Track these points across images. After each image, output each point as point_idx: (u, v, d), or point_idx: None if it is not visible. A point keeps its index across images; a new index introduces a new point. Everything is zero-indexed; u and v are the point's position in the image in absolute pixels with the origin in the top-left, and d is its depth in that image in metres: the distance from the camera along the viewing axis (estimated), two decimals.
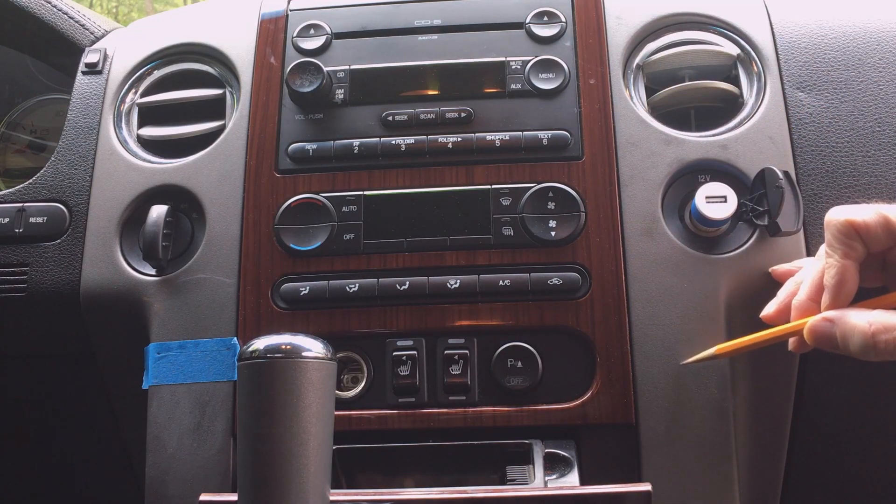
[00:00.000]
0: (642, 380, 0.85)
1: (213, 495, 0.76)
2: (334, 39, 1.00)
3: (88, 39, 1.13)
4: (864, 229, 0.68)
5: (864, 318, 0.66)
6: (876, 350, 0.65)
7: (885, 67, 0.96)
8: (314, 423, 0.61)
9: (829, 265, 0.70)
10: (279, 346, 0.62)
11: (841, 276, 0.69)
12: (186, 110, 1.03)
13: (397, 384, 0.87)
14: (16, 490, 1.25)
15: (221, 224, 0.93)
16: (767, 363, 0.91)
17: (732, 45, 1.00)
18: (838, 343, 0.67)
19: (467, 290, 0.87)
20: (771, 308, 0.80)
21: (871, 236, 0.68)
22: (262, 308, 0.89)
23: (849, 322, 0.66)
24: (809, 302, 0.74)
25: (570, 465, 0.83)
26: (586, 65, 0.95)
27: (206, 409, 0.88)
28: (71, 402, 1.11)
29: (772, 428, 0.94)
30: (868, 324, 0.65)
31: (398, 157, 0.93)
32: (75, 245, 0.97)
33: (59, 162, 1.02)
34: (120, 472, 1.10)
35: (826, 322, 0.69)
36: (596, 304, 0.86)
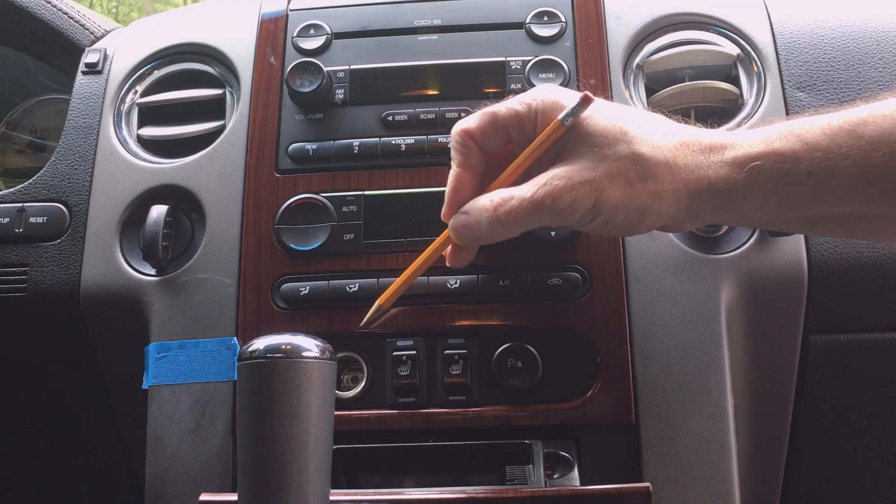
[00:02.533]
0: (642, 380, 0.85)
1: (213, 495, 0.76)
2: (334, 39, 1.00)
3: (88, 39, 1.13)
4: (478, 132, 0.74)
5: (488, 198, 0.71)
6: (500, 222, 0.70)
7: (884, 67, 0.96)
8: (314, 423, 0.61)
9: (449, 176, 0.76)
10: (279, 346, 0.62)
11: (455, 182, 0.75)
12: (186, 110, 1.03)
13: (397, 384, 0.87)
14: (15, 490, 1.25)
15: (221, 224, 0.93)
16: (767, 363, 0.91)
17: (732, 45, 1.00)
18: (475, 230, 0.72)
19: (467, 289, 0.87)
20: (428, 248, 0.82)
21: (485, 136, 0.74)
22: (262, 308, 0.89)
23: (476, 206, 0.72)
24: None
25: (570, 464, 0.83)
26: (586, 65, 0.95)
27: (206, 409, 0.88)
28: (71, 402, 1.11)
29: (772, 428, 0.94)
30: (490, 201, 0.71)
31: (398, 156, 0.93)
32: (75, 245, 0.97)
33: (59, 162, 1.02)
34: (120, 472, 1.10)
35: (461, 214, 0.73)
36: (596, 304, 0.86)
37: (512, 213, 0.69)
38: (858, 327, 0.94)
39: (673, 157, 0.68)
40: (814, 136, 0.66)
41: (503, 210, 0.70)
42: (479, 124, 0.74)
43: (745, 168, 0.67)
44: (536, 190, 0.69)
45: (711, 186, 0.68)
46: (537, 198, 0.68)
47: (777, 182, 0.67)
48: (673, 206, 0.69)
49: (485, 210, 0.71)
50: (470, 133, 0.74)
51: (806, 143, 0.66)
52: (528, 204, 0.69)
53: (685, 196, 0.68)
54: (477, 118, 0.74)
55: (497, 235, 0.72)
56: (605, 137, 0.69)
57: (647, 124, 0.71)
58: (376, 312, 0.80)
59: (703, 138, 0.70)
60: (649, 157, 0.68)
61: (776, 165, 0.66)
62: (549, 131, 0.71)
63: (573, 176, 0.68)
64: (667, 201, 0.68)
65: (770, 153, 0.66)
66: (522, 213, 0.69)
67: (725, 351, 0.86)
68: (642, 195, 0.68)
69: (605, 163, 0.68)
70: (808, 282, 0.88)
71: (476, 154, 0.75)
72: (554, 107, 0.71)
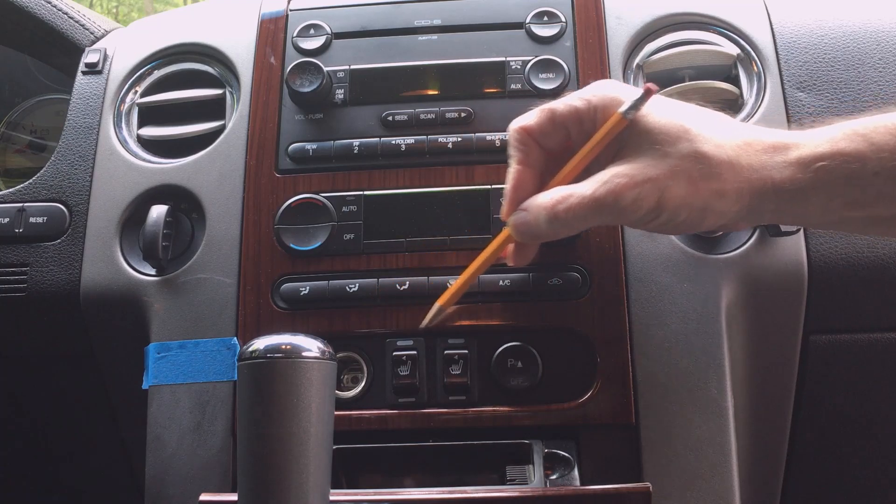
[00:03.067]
0: (642, 380, 0.85)
1: (213, 495, 0.76)
2: (334, 39, 1.00)
3: (88, 39, 1.13)
4: (537, 130, 0.73)
5: (547, 195, 0.70)
6: (559, 220, 0.69)
7: (884, 67, 0.96)
8: (314, 423, 0.61)
9: (507, 174, 0.75)
10: (279, 346, 0.62)
11: (515, 180, 0.74)
12: (186, 110, 1.03)
13: (397, 384, 0.87)
14: (15, 490, 1.25)
15: (221, 224, 0.93)
16: (767, 363, 0.91)
17: (732, 45, 1.00)
18: (534, 227, 0.71)
19: (467, 290, 0.87)
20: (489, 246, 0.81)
21: (543, 133, 0.73)
22: (262, 308, 0.89)
23: (535, 203, 0.71)
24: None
25: (570, 464, 0.83)
26: (586, 65, 0.95)
27: (206, 409, 0.88)
28: (71, 402, 1.11)
29: (772, 428, 0.94)
30: (549, 198, 0.70)
31: (398, 157, 0.93)
32: (75, 245, 0.97)
33: (59, 162, 1.02)
34: (120, 472, 1.10)
35: (521, 212, 0.72)
36: (596, 304, 0.86)
37: (571, 210, 0.68)
38: (858, 327, 0.94)
39: (736, 156, 0.67)
40: (880, 136, 0.65)
41: (562, 207, 0.69)
42: (538, 121, 0.73)
43: (810, 168, 0.66)
44: (597, 188, 0.68)
45: (775, 187, 0.67)
46: (598, 195, 0.67)
47: (842, 183, 0.65)
48: (736, 205, 0.68)
49: (544, 208, 0.70)
50: (528, 130, 0.73)
51: (872, 144, 0.65)
52: (588, 201, 0.68)
53: (748, 196, 0.67)
54: (535, 115, 0.73)
55: (555, 233, 0.72)
56: (666, 135, 0.68)
57: (709, 122, 0.70)
58: (437, 314, 0.79)
59: (766, 138, 0.69)
60: (712, 155, 0.67)
61: (842, 166, 0.65)
62: (611, 125, 0.70)
63: (635, 174, 0.67)
64: (730, 201, 0.67)
65: (836, 153, 0.65)
66: (582, 211, 0.68)
67: (725, 351, 0.86)
68: (705, 194, 0.67)
69: (667, 161, 0.67)
70: (809, 282, 0.88)
71: (535, 151, 0.74)
72: (613, 102, 0.70)
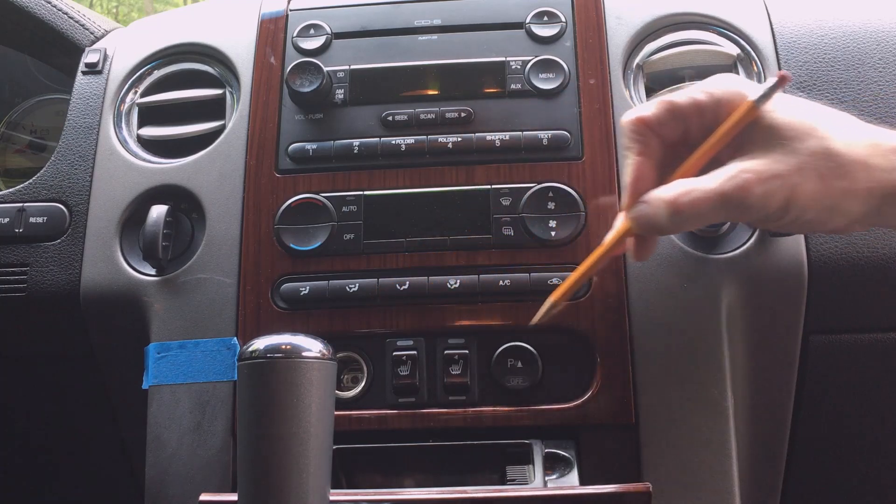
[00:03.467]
0: (642, 380, 0.85)
1: (213, 495, 0.76)
2: (334, 39, 1.00)
3: (88, 39, 1.13)
4: (655, 121, 0.70)
5: (669, 188, 0.68)
6: (680, 214, 0.67)
7: (884, 67, 0.96)
8: (314, 423, 0.61)
9: (626, 165, 0.72)
10: (279, 346, 0.62)
11: (636, 172, 0.71)
12: (186, 110, 1.03)
13: (397, 384, 0.87)
14: (16, 490, 1.25)
15: (221, 224, 0.93)
16: (767, 363, 0.91)
17: (732, 45, 1.00)
18: (654, 220, 0.69)
19: (467, 290, 0.87)
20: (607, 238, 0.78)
21: (663, 125, 0.70)
22: (262, 308, 0.89)
23: (656, 196, 0.68)
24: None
25: (570, 465, 0.83)
26: (586, 65, 0.95)
27: (206, 409, 0.88)
28: (71, 402, 1.11)
29: (772, 428, 0.94)
30: (672, 192, 0.67)
31: (398, 157, 0.93)
32: (75, 245, 0.97)
33: (59, 162, 1.02)
34: (120, 472, 1.10)
35: (642, 204, 0.70)
36: (596, 304, 0.86)
37: (694, 204, 0.66)
38: (858, 327, 0.94)
39: (867, 155, 0.65)
40: None
41: (685, 201, 0.66)
42: (656, 112, 0.70)
43: None
44: (723, 182, 0.65)
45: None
46: (725, 190, 0.65)
47: None
48: (864, 206, 0.66)
49: (665, 201, 0.67)
50: (646, 121, 0.70)
51: None
52: (713, 196, 0.65)
53: (879, 197, 0.66)
54: (653, 106, 0.71)
55: (676, 227, 0.69)
56: (794, 131, 0.66)
57: (836, 120, 0.68)
58: (549, 309, 0.76)
59: (890, 141, 0.67)
60: (843, 153, 0.65)
61: None
62: (741, 114, 0.67)
63: (763, 169, 0.65)
64: (858, 201, 0.66)
65: None
66: (706, 206, 0.66)
67: (725, 351, 0.86)
68: (835, 193, 0.65)
69: (796, 157, 0.65)
70: (809, 282, 0.88)
71: (655, 142, 0.71)
72: (737, 95, 0.68)
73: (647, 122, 0.70)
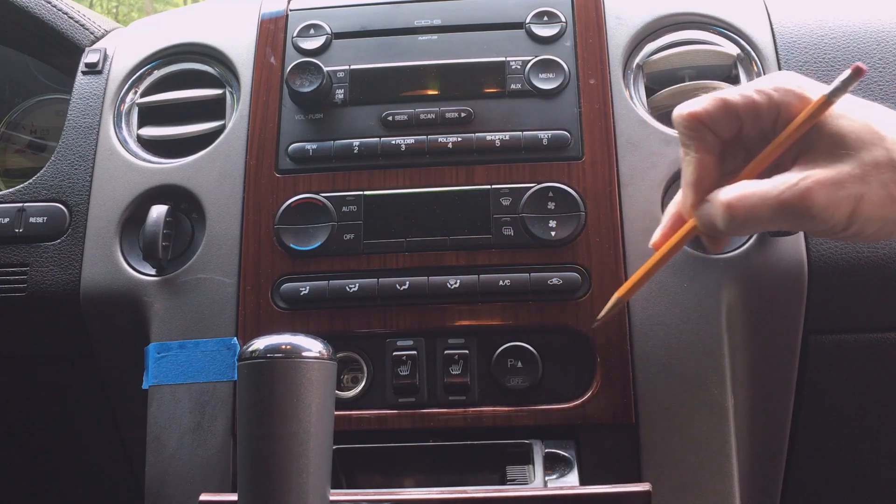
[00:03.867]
0: (642, 380, 0.85)
1: (213, 495, 0.76)
2: (334, 39, 1.00)
3: (88, 39, 1.13)
4: (707, 118, 0.68)
5: (729, 191, 0.66)
6: (736, 219, 0.65)
7: (884, 67, 0.96)
8: (314, 423, 0.61)
9: (686, 162, 0.70)
10: (279, 346, 0.62)
11: (699, 170, 0.69)
12: (186, 110, 1.03)
13: (397, 384, 0.87)
14: (15, 490, 1.25)
15: (221, 224, 0.93)
16: (767, 363, 0.91)
17: (732, 45, 1.00)
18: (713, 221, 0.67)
19: (467, 290, 0.87)
20: (657, 235, 0.77)
21: (717, 123, 0.68)
22: (262, 308, 0.89)
23: (716, 198, 0.67)
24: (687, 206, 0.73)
25: (570, 465, 0.83)
26: (586, 65, 0.95)
27: (206, 409, 0.88)
28: (71, 402, 1.11)
29: (772, 428, 0.94)
30: (730, 195, 0.65)
31: (398, 157, 0.93)
32: (75, 245, 0.97)
33: (59, 162, 1.02)
34: (120, 472, 1.10)
35: (706, 203, 0.68)
36: (596, 305, 0.86)
37: (751, 210, 0.63)
38: (859, 327, 0.94)
39: None
40: None
41: (742, 206, 0.64)
42: (709, 109, 0.68)
43: None
44: (784, 189, 0.62)
45: None
46: (785, 198, 0.62)
47: None
48: None
49: (722, 203, 0.65)
50: (699, 117, 0.68)
51: None
52: (773, 202, 0.63)
53: None
54: (707, 102, 0.68)
55: (734, 230, 0.67)
56: (859, 140, 0.63)
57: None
58: (616, 305, 0.76)
59: None
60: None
61: None
62: (813, 109, 0.64)
63: (826, 179, 0.62)
64: None
65: None
66: (763, 212, 0.63)
67: (725, 351, 0.86)
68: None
69: (861, 167, 0.62)
70: (809, 282, 0.88)
71: (711, 138, 0.68)
72: (796, 98, 0.65)
73: (701, 118, 0.68)
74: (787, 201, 0.63)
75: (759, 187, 0.64)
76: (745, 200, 0.64)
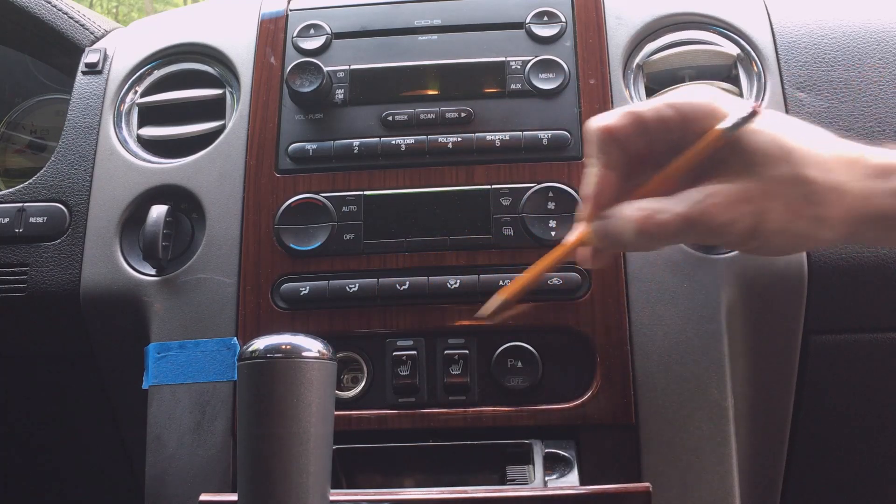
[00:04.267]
0: (642, 380, 0.85)
1: (213, 495, 0.76)
2: (334, 39, 1.00)
3: (88, 39, 1.13)
4: (619, 132, 0.68)
5: (636, 207, 0.66)
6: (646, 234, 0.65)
7: (884, 67, 0.96)
8: (314, 423, 0.61)
9: (588, 175, 0.70)
10: (279, 346, 0.61)
11: (601, 184, 0.69)
12: (186, 110, 1.03)
13: (397, 384, 0.87)
14: (15, 490, 1.25)
15: (221, 224, 0.93)
16: (767, 363, 0.91)
17: (732, 45, 1.00)
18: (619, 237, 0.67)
19: (467, 290, 0.87)
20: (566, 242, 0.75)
21: (626, 136, 0.68)
22: (262, 308, 0.89)
23: (623, 214, 0.66)
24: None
25: (570, 465, 0.83)
26: (586, 65, 0.95)
27: (206, 409, 0.88)
28: (71, 402, 1.11)
29: (772, 428, 0.94)
30: (638, 211, 0.66)
31: (398, 157, 0.93)
32: (75, 245, 0.97)
33: (59, 162, 1.02)
34: (120, 472, 1.10)
35: (606, 219, 0.67)
36: (596, 304, 0.86)
37: (661, 226, 0.64)
38: (859, 327, 0.94)
39: (842, 181, 0.63)
40: None
41: (652, 223, 0.65)
42: (622, 123, 0.68)
43: None
44: (690, 207, 0.64)
45: (881, 216, 0.63)
46: (691, 215, 0.63)
47: None
48: (835, 233, 0.64)
49: (632, 220, 0.65)
50: (611, 131, 0.68)
51: None
52: (680, 220, 0.64)
53: (851, 223, 0.64)
54: (618, 116, 0.68)
55: (640, 246, 0.68)
56: (766, 156, 0.63)
57: (811, 142, 0.65)
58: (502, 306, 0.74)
59: (872, 158, 0.64)
60: (817, 180, 0.62)
61: None
62: (706, 143, 0.64)
63: (730, 195, 0.63)
64: (830, 228, 0.64)
65: None
66: (671, 229, 0.64)
67: (725, 351, 0.86)
68: (805, 221, 0.63)
69: (766, 184, 0.63)
70: (809, 282, 0.88)
71: (617, 153, 0.68)
72: (707, 115, 0.65)
73: (612, 132, 0.68)
74: (690, 217, 0.64)
75: (667, 204, 0.65)
76: (656, 217, 0.65)
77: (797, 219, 0.63)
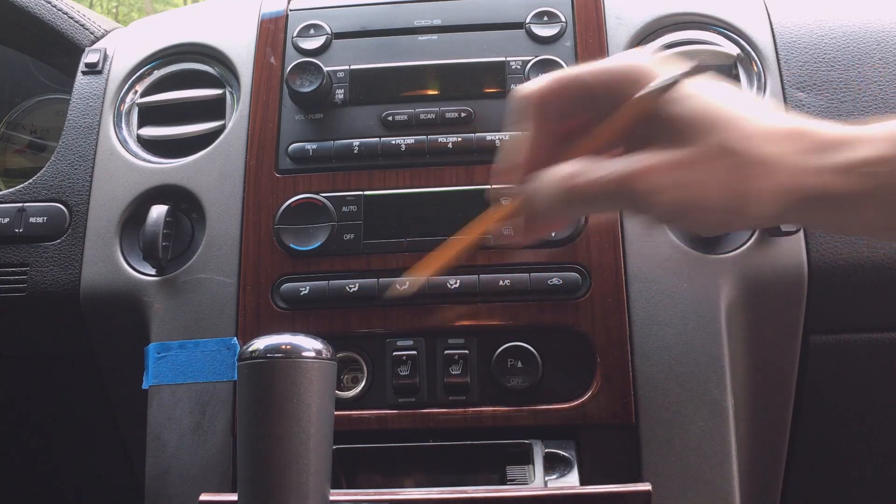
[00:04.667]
0: (642, 380, 0.85)
1: (213, 495, 0.76)
2: (334, 39, 1.00)
3: (88, 39, 1.13)
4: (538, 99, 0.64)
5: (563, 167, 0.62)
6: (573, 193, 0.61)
7: (884, 67, 0.96)
8: (314, 423, 0.61)
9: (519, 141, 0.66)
10: (279, 346, 0.61)
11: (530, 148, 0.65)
12: (186, 110, 1.03)
13: (397, 384, 0.87)
14: (15, 490, 1.25)
15: (221, 224, 0.93)
16: (767, 363, 0.91)
17: (732, 45, 1.00)
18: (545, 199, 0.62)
19: (467, 290, 0.87)
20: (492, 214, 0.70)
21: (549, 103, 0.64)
22: (262, 308, 0.89)
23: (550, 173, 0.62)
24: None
25: (570, 465, 0.83)
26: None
27: (206, 409, 0.88)
28: (71, 402, 1.11)
29: (772, 428, 0.94)
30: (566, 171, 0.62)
31: (398, 157, 0.93)
32: (75, 245, 0.97)
33: (59, 162, 1.02)
34: (120, 472, 1.10)
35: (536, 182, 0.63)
36: (596, 304, 0.86)
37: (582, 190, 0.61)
38: (859, 327, 0.94)
39: (773, 153, 0.58)
40: None
41: (580, 181, 0.60)
42: (544, 90, 0.64)
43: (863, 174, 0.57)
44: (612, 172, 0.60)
45: (819, 193, 0.58)
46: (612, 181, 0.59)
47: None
48: (765, 210, 0.59)
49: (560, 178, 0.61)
50: (531, 98, 0.64)
51: None
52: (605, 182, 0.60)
53: (783, 201, 0.59)
54: (542, 82, 0.65)
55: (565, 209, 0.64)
56: (694, 125, 0.59)
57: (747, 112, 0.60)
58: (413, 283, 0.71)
59: (816, 132, 0.59)
60: (746, 152, 0.58)
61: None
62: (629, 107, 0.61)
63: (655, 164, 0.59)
64: (761, 204, 0.59)
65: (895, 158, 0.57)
66: (592, 193, 0.61)
67: (725, 351, 0.86)
68: (731, 195, 0.59)
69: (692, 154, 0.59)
70: (809, 282, 0.88)
71: (543, 120, 0.65)
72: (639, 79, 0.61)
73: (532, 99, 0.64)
74: (612, 182, 0.60)
75: (590, 167, 0.61)
76: (584, 176, 0.61)
77: (722, 191, 0.59)
